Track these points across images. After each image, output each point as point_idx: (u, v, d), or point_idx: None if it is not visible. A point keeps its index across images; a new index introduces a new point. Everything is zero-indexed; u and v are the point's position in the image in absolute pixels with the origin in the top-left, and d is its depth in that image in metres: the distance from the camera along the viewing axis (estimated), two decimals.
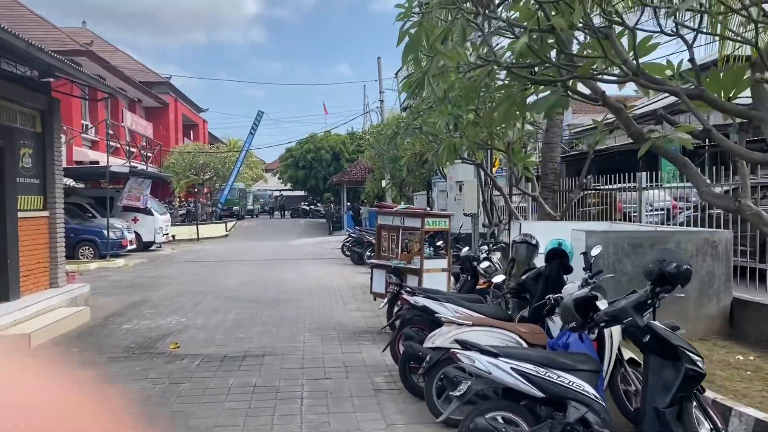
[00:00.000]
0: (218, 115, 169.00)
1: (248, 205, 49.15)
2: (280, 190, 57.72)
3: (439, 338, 4.99)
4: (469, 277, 8.60)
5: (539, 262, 6.58)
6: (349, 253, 19.63)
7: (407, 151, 13.32)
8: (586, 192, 11.17)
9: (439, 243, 8.52)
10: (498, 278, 8.98)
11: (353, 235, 19.17)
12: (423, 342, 5.75)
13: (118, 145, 26.90)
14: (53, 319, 8.98)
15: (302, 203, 51.20)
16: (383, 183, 31.05)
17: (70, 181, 17.53)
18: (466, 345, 4.14)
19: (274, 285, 13.86)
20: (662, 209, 11.64)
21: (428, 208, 7.84)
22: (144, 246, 23.50)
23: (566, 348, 4.76)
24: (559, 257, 5.71)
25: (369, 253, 17.41)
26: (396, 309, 8.38)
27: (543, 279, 5.67)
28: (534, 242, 6.70)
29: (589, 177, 10.25)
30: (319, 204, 47.46)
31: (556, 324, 5.60)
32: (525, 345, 4.91)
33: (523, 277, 5.95)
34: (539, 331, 5.09)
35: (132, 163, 20.38)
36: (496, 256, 9.55)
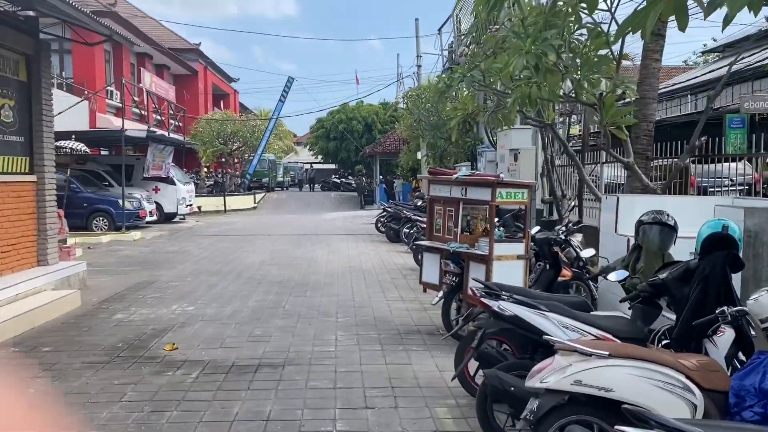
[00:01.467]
0: (250, 87, 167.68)
1: (278, 177, 47.58)
2: (311, 163, 55.90)
3: (553, 375, 3.12)
4: (547, 266, 6.68)
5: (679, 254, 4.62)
6: (384, 230, 17.81)
7: (457, 111, 11.30)
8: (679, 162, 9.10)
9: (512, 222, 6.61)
10: (587, 252, 7.05)
11: (389, 209, 17.31)
12: (511, 368, 3.89)
13: (144, 112, 25.40)
14: (33, 305, 7.37)
15: (333, 176, 49.39)
16: (418, 155, 29.06)
17: (81, 146, 15.98)
18: (634, 414, 2.28)
19: (302, 265, 12.13)
20: (744, 183, 9.69)
21: (501, 174, 5.82)
22: (166, 217, 22.09)
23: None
24: (724, 247, 3.75)
25: (407, 230, 15.59)
26: (455, 305, 6.52)
27: (700, 280, 3.73)
28: (671, 222, 4.74)
29: (702, 138, 8.13)
30: (350, 177, 45.61)
31: (719, 349, 3.68)
32: (695, 389, 3.01)
33: (663, 275, 4.00)
34: (716, 368, 3.18)
35: (151, 129, 18.74)
36: (577, 239, 7.57)
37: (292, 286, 9.78)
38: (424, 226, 13.10)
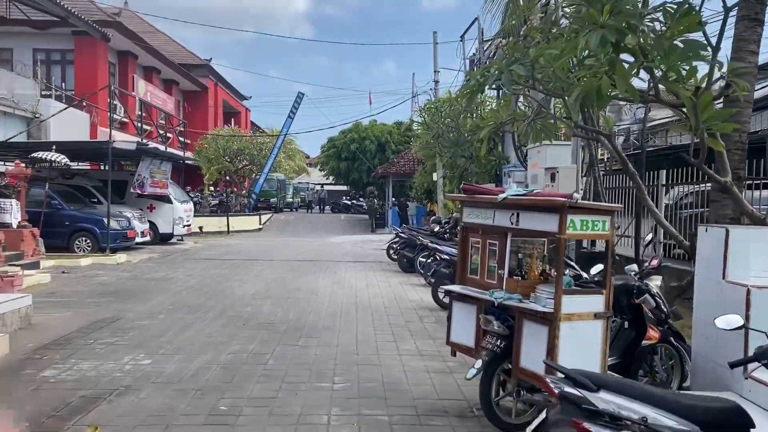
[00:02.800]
0: (261, 106, 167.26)
1: (287, 197, 45.94)
2: (322, 184, 54.20)
3: None
4: (626, 324, 4.80)
5: None
6: (396, 257, 15.97)
7: (488, 120, 9.51)
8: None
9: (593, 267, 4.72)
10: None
11: (402, 235, 15.48)
12: None
13: (137, 123, 23.89)
14: None
15: (343, 198, 47.67)
16: (434, 176, 27.28)
17: (62, 158, 14.37)
18: None
19: (300, 299, 10.29)
20: None
21: (575, 194, 3.94)
22: (161, 238, 20.42)
23: None
24: None
25: (422, 259, 13.75)
26: (497, 377, 4.62)
27: None
28: None
29: None
30: (361, 199, 43.88)
31: None
32: None
33: None
34: None
35: (142, 141, 17.11)
36: (655, 283, 5.67)
37: (283, 330, 7.93)
38: (446, 257, 11.36)
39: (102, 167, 22.42)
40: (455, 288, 5.01)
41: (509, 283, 4.53)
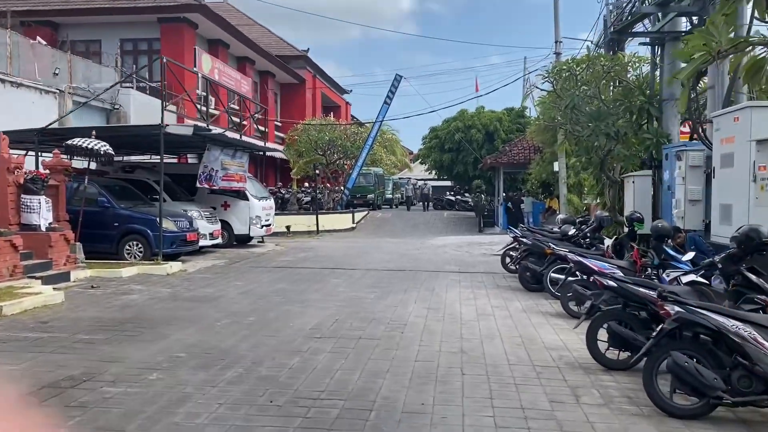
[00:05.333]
0: (364, 101, 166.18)
1: (386, 193, 42.71)
2: (424, 180, 50.23)
3: None
4: None
5: None
6: (515, 268, 12.17)
7: (692, 50, 5.51)
8: None
9: None
10: None
11: (524, 240, 11.62)
12: None
13: (220, 112, 21.52)
14: None
15: (447, 193, 43.68)
16: (555, 165, 22.86)
17: (103, 146, 11.89)
18: None
19: (377, 341, 6.83)
20: None
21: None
22: (238, 240, 17.88)
23: None
24: None
25: (554, 275, 9.90)
26: None
27: None
28: None
29: None
30: (466, 194, 39.80)
31: None
32: None
33: None
34: None
35: (199, 125, 14.32)
36: None
37: (333, 418, 4.50)
38: (611, 284, 5.81)
39: (178, 160, 20.29)
40: None
41: None
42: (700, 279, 6.45)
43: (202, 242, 15.35)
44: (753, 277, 5.47)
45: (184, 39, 25.08)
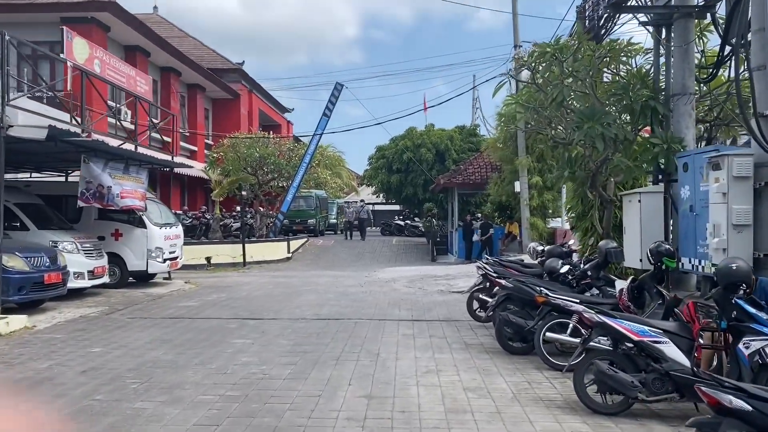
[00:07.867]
0: (308, 120, 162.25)
1: (330, 218, 39.18)
2: (372, 203, 46.85)
3: None
4: None
5: None
6: (486, 317, 9.15)
7: None
8: None
9: None
10: None
11: (501, 281, 8.58)
12: None
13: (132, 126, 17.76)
14: None
15: (396, 217, 40.51)
16: (516, 186, 20.16)
17: None
18: None
19: None
20: None
21: None
22: (135, 277, 14.26)
23: None
24: None
25: (552, 334, 6.89)
26: None
27: None
28: None
29: None
30: (416, 219, 36.81)
31: None
32: None
33: None
34: None
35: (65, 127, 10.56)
36: None
37: None
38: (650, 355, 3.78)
39: (65, 177, 16.36)
40: None
41: None
42: None
43: (76, 283, 11.71)
44: None
45: (94, 41, 21.28)
